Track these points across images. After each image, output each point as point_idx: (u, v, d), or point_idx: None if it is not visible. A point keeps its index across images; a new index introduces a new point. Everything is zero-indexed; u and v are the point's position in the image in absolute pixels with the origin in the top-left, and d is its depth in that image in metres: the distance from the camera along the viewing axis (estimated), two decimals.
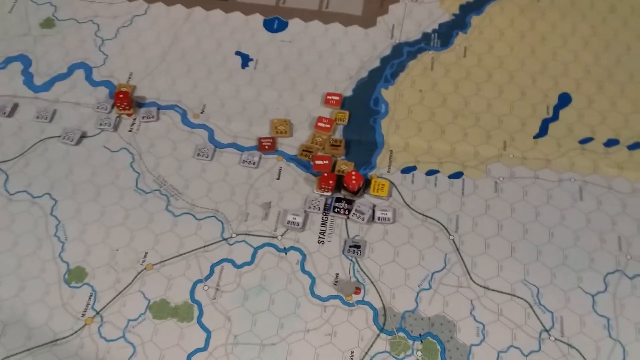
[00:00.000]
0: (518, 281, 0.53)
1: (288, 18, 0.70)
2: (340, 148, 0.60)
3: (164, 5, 0.71)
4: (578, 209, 0.57)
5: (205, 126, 0.62)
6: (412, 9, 0.70)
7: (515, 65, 0.66)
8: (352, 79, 0.65)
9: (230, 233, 0.56)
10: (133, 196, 0.58)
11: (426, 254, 0.54)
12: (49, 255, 0.54)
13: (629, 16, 0.69)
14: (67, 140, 0.61)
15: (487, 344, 0.50)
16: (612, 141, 0.60)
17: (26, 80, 0.65)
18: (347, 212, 0.56)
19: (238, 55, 0.67)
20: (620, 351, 0.50)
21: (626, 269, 0.54)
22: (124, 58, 0.67)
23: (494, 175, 0.59)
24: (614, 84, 0.64)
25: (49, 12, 0.71)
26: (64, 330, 0.51)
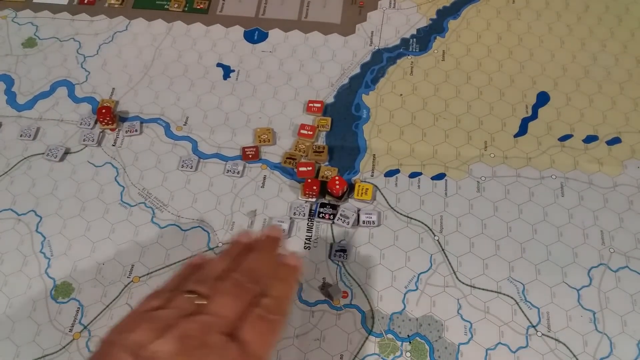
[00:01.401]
0: (503, 279, 0.54)
1: (268, 29, 0.71)
2: (324, 154, 0.60)
3: (145, 21, 0.72)
4: (560, 205, 0.57)
5: (188, 138, 0.62)
6: (390, 15, 0.71)
7: (494, 66, 0.66)
8: (334, 86, 0.66)
9: (217, 242, 0.56)
10: (118, 210, 0.58)
11: (412, 255, 0.55)
12: (35, 272, 0.54)
13: (604, 14, 0.70)
14: (51, 157, 0.61)
15: (475, 342, 0.51)
16: (591, 137, 0.61)
17: (9, 100, 0.65)
18: (332, 217, 0.56)
19: (220, 67, 0.68)
20: (607, 344, 0.50)
21: (610, 262, 0.54)
22: (106, 74, 0.67)
23: (476, 175, 0.59)
24: (590, 81, 0.65)
25: (31, 31, 0.71)
26: (52, 345, 0.51)
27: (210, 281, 0.40)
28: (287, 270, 0.43)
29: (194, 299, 0.38)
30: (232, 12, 0.73)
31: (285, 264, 0.44)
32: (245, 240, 0.45)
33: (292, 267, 0.44)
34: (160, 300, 0.39)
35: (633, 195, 0.58)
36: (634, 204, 0.57)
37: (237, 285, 0.39)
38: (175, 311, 0.37)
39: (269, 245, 0.45)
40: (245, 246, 0.44)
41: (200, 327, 0.36)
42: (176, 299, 0.39)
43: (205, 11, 0.73)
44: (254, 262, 0.42)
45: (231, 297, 0.38)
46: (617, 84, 0.65)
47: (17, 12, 0.73)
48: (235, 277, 0.40)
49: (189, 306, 0.38)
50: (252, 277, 0.40)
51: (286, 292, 0.42)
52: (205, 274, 0.41)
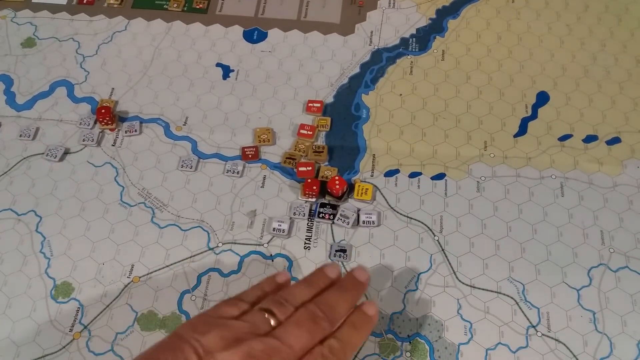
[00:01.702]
0: (503, 279, 0.54)
1: (267, 28, 0.71)
2: (323, 154, 0.60)
3: (144, 21, 0.72)
4: (560, 205, 0.57)
5: (188, 138, 0.62)
6: (389, 15, 0.71)
7: (493, 66, 0.66)
8: (333, 86, 0.66)
9: (216, 242, 0.56)
10: (118, 210, 0.58)
11: (412, 255, 0.55)
12: (35, 272, 0.54)
13: (603, 14, 0.70)
14: (50, 157, 0.61)
15: (475, 342, 0.51)
16: (591, 137, 0.61)
17: (8, 100, 0.65)
18: (331, 217, 0.56)
19: (219, 67, 0.68)
20: (607, 344, 0.50)
21: (609, 262, 0.54)
22: (105, 74, 0.67)
23: (475, 175, 0.59)
24: (590, 81, 0.65)
25: (30, 31, 0.71)
26: (52, 345, 0.51)
27: (289, 307, 0.41)
28: (363, 319, 0.43)
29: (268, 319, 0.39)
30: (231, 12, 0.73)
31: (362, 311, 0.43)
32: (332, 275, 0.45)
33: (368, 316, 0.43)
34: (236, 310, 0.40)
35: (633, 195, 0.58)
36: (634, 203, 0.57)
37: (312, 320, 0.40)
38: (249, 326, 0.39)
39: (352, 286, 0.44)
40: (331, 281, 0.45)
41: (267, 350, 0.37)
42: (252, 314, 0.40)
43: (204, 11, 0.73)
44: (334, 300, 0.42)
45: (303, 330, 0.39)
46: (617, 83, 0.65)
47: (16, 12, 0.73)
48: (312, 310, 0.41)
49: (262, 325, 0.39)
50: (329, 315, 0.41)
51: (355, 340, 0.42)
52: (285, 297, 0.42)
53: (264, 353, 0.37)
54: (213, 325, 0.38)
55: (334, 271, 0.45)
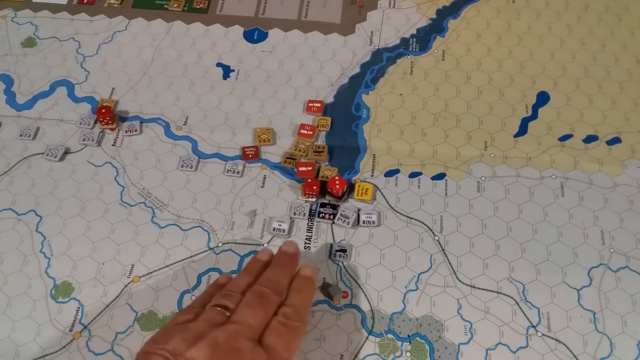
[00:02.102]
0: (504, 279, 0.54)
1: (268, 28, 0.71)
2: (324, 154, 0.60)
3: (144, 20, 0.72)
4: (560, 205, 0.57)
5: (188, 137, 0.62)
6: (389, 15, 0.71)
7: (494, 66, 0.66)
8: (333, 86, 0.66)
9: (217, 242, 0.56)
10: (118, 210, 0.58)
11: (412, 255, 0.55)
12: (35, 272, 0.54)
13: (603, 14, 0.70)
14: (50, 157, 0.61)
15: (475, 342, 0.51)
16: (591, 137, 0.61)
17: (9, 99, 0.65)
18: (332, 217, 0.56)
19: (219, 67, 0.68)
20: (607, 344, 0.50)
21: (610, 262, 0.54)
22: (105, 74, 0.67)
23: (476, 175, 0.59)
24: (590, 81, 0.65)
25: (30, 31, 0.71)
26: (53, 345, 0.51)
27: (236, 295, 0.45)
28: (303, 281, 0.48)
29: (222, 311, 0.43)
30: (231, 12, 0.73)
31: (301, 275, 0.48)
32: (264, 258, 0.50)
33: (307, 278, 0.48)
34: (190, 315, 0.44)
35: (633, 195, 0.58)
36: (634, 204, 0.57)
37: (260, 296, 0.44)
38: (206, 323, 0.42)
39: (285, 260, 0.49)
40: (266, 263, 0.49)
41: (230, 335, 0.40)
42: (206, 312, 0.43)
43: (204, 11, 0.73)
44: (273, 274, 0.47)
45: (256, 308, 0.43)
46: (617, 83, 0.65)
47: (16, 12, 0.73)
48: (258, 289, 0.45)
49: (218, 318, 0.42)
50: (274, 288, 0.45)
51: (304, 301, 0.46)
52: (230, 289, 0.45)
53: (228, 339, 0.40)
54: (173, 332, 0.41)
55: (265, 255, 0.50)
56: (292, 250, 0.50)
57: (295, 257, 0.50)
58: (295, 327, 0.43)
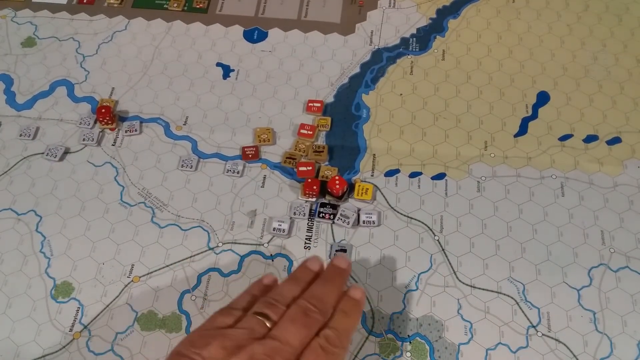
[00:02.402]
0: (504, 279, 0.53)
1: (267, 28, 0.71)
2: (324, 154, 0.60)
3: (144, 20, 0.72)
4: (560, 205, 0.57)
5: (188, 137, 0.62)
6: (389, 15, 0.71)
7: (494, 66, 0.66)
8: (333, 86, 0.66)
9: (217, 242, 0.56)
10: (118, 209, 0.58)
11: (412, 255, 0.55)
12: (35, 272, 0.54)
13: (604, 13, 0.70)
14: (50, 157, 0.61)
15: (475, 342, 0.51)
16: (592, 137, 0.61)
17: (8, 99, 0.65)
18: (332, 217, 0.56)
19: (219, 67, 0.68)
20: (607, 344, 0.50)
21: (610, 262, 0.54)
22: (105, 73, 0.67)
23: (476, 175, 0.59)
24: (590, 80, 0.65)
25: (30, 31, 0.71)
26: (53, 345, 0.51)
27: (280, 306, 0.42)
28: (352, 304, 0.45)
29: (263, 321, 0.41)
30: (231, 12, 0.73)
31: (349, 296, 0.45)
32: (314, 268, 0.47)
33: (356, 300, 0.45)
34: (231, 318, 0.42)
35: (633, 195, 0.58)
36: (634, 204, 0.57)
37: (304, 314, 0.41)
38: (246, 332, 0.40)
39: (336, 275, 0.46)
40: (315, 274, 0.46)
41: (268, 352, 0.38)
42: (247, 320, 0.41)
43: (204, 10, 0.73)
44: (321, 291, 0.44)
45: (298, 325, 0.41)
46: (617, 83, 0.65)
47: (16, 12, 0.73)
48: (303, 305, 0.42)
49: (258, 328, 0.40)
50: (320, 307, 0.42)
51: (349, 326, 0.43)
52: (275, 297, 0.43)
53: (266, 355, 0.38)
54: (211, 337, 0.39)
55: (316, 264, 0.47)
56: (344, 265, 0.47)
57: (346, 273, 0.47)
58: (335, 353, 0.41)
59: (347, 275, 0.47)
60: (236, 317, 0.42)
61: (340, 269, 0.47)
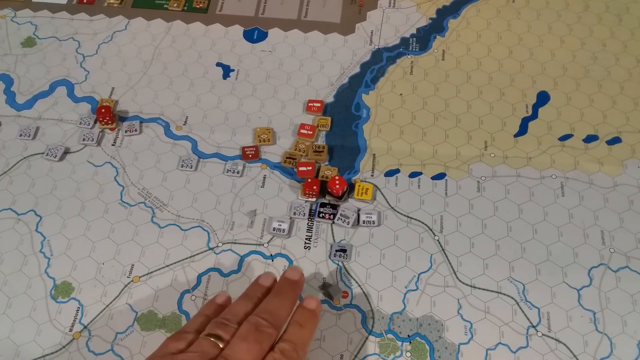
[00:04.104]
0: (504, 278, 0.53)
1: (267, 28, 0.71)
2: (324, 154, 0.60)
3: (144, 20, 0.72)
4: (560, 205, 0.57)
5: (188, 137, 0.62)
6: (389, 14, 0.71)
7: (494, 66, 0.66)
8: (333, 86, 0.66)
9: (217, 242, 0.56)
10: (118, 209, 0.58)
11: (412, 255, 0.55)
12: (35, 272, 0.54)
13: (604, 13, 0.70)
14: (50, 157, 0.61)
15: (475, 342, 0.51)
16: (592, 137, 0.61)
17: (8, 99, 0.65)
18: (332, 217, 0.56)
19: (219, 67, 0.68)
20: (607, 344, 0.50)
21: (610, 262, 0.54)
22: (105, 73, 0.67)
23: (476, 175, 0.59)
24: (590, 80, 0.65)
25: (30, 31, 0.71)
26: (52, 345, 0.51)
27: (232, 325, 0.42)
28: (306, 315, 0.45)
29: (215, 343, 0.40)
30: (231, 12, 0.73)
31: (304, 307, 0.45)
32: (266, 284, 0.47)
33: (311, 311, 0.45)
34: (183, 343, 0.41)
35: (633, 195, 0.58)
36: (634, 203, 0.57)
37: (256, 330, 0.41)
38: (198, 355, 0.39)
39: (287, 287, 0.46)
40: (268, 290, 0.46)
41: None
42: (198, 343, 0.41)
43: (204, 10, 0.73)
44: (273, 305, 0.44)
45: (251, 342, 0.40)
46: (618, 83, 0.65)
47: (16, 12, 0.73)
48: (254, 321, 0.42)
49: (210, 350, 0.40)
50: (272, 321, 0.42)
51: (304, 337, 0.43)
52: (226, 317, 0.43)
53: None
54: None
55: (268, 279, 0.47)
56: (295, 277, 0.47)
57: (298, 286, 0.47)
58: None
59: (299, 286, 0.47)
60: (188, 341, 0.41)
61: (292, 281, 0.47)
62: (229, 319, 0.42)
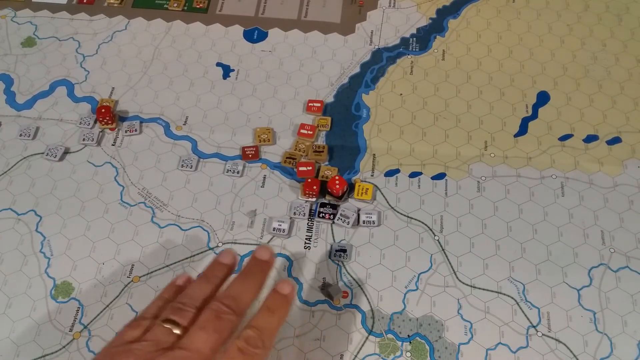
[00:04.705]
0: (504, 278, 0.53)
1: (268, 28, 0.71)
2: (324, 154, 0.60)
3: (144, 20, 0.72)
4: (560, 205, 0.57)
5: (188, 137, 0.62)
6: (389, 14, 0.71)
7: (494, 66, 0.66)
8: (333, 86, 0.66)
9: (217, 242, 0.56)
10: (118, 209, 0.58)
11: (412, 255, 0.55)
12: (35, 272, 0.54)
13: (604, 13, 0.70)
14: (50, 157, 0.61)
15: (475, 342, 0.51)
16: (592, 137, 0.61)
17: (8, 99, 0.65)
18: (332, 217, 0.56)
19: (219, 67, 0.68)
20: (607, 344, 0.50)
21: (610, 262, 0.54)
22: (105, 73, 0.67)
23: (476, 175, 0.59)
24: (590, 80, 0.65)
25: (30, 31, 0.71)
26: (52, 345, 0.51)
27: (189, 310, 0.39)
28: (278, 300, 0.42)
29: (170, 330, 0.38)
30: (231, 12, 0.72)
31: (276, 291, 0.42)
32: (227, 262, 0.44)
33: (283, 296, 0.42)
34: (139, 330, 0.39)
35: (633, 195, 0.58)
36: (634, 203, 0.57)
37: (216, 318, 0.39)
38: (152, 344, 0.37)
39: (256, 269, 0.44)
40: (229, 268, 0.44)
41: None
42: (154, 330, 0.38)
43: (204, 10, 0.73)
44: (236, 289, 0.41)
45: (209, 331, 0.38)
46: (618, 83, 0.65)
47: (16, 12, 0.73)
48: (215, 307, 0.39)
49: (166, 338, 0.38)
50: (234, 306, 0.40)
51: (272, 324, 0.41)
52: (183, 301, 0.40)
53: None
54: (116, 355, 0.37)
55: (227, 257, 0.44)
56: (265, 257, 0.44)
57: (267, 266, 0.44)
58: (256, 355, 0.38)
59: (268, 267, 0.44)
60: (145, 328, 0.39)
61: (261, 262, 0.44)
62: (186, 302, 0.40)
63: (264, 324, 0.40)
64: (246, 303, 0.41)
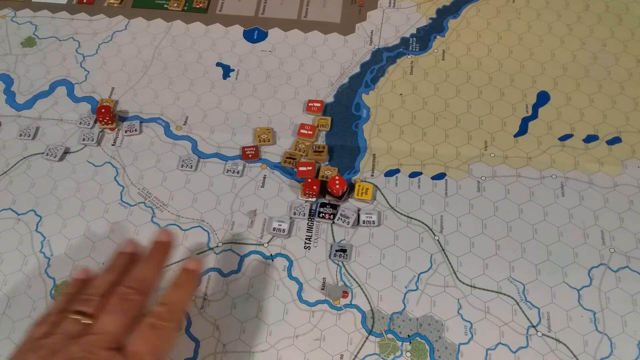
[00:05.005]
0: (504, 278, 0.53)
1: (268, 28, 0.71)
2: (324, 154, 0.60)
3: (144, 20, 0.72)
4: (560, 205, 0.57)
5: (188, 137, 0.62)
6: (389, 14, 0.71)
7: (494, 66, 0.66)
8: (333, 86, 0.66)
9: (217, 242, 0.56)
10: (118, 209, 0.58)
11: (412, 255, 0.55)
12: (35, 272, 0.54)
13: (604, 13, 0.70)
14: (50, 157, 0.61)
15: (475, 342, 0.51)
16: (592, 137, 0.61)
17: (8, 99, 0.65)
18: (332, 217, 0.56)
19: (219, 67, 0.68)
20: (607, 344, 0.50)
21: (610, 262, 0.54)
22: (105, 73, 0.67)
23: (476, 175, 0.59)
24: (590, 80, 0.65)
25: (30, 31, 0.71)
26: None
27: (96, 299, 0.40)
28: (185, 276, 0.44)
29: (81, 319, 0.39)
30: (231, 12, 0.73)
31: (184, 268, 0.44)
32: (129, 250, 0.46)
33: (190, 271, 0.44)
34: (46, 326, 0.39)
35: (633, 195, 0.58)
36: (634, 203, 0.57)
37: (123, 300, 0.40)
38: (61, 336, 0.38)
39: (157, 251, 0.45)
40: (131, 256, 0.45)
41: (85, 348, 0.37)
42: (62, 324, 0.39)
43: (204, 10, 0.73)
44: (138, 271, 0.43)
45: (116, 313, 0.39)
46: (618, 83, 0.65)
47: (16, 12, 0.73)
48: (119, 291, 0.41)
49: (75, 328, 0.39)
50: (138, 287, 0.41)
51: (180, 298, 0.42)
52: (88, 292, 0.41)
53: (84, 351, 0.37)
54: (26, 353, 0.38)
55: (129, 246, 0.46)
56: (163, 239, 0.46)
57: (166, 247, 0.46)
58: (165, 327, 0.40)
59: (168, 248, 0.46)
60: (52, 323, 0.40)
61: (160, 243, 0.46)
62: (91, 292, 0.41)
63: (172, 299, 0.42)
64: (150, 281, 0.42)
